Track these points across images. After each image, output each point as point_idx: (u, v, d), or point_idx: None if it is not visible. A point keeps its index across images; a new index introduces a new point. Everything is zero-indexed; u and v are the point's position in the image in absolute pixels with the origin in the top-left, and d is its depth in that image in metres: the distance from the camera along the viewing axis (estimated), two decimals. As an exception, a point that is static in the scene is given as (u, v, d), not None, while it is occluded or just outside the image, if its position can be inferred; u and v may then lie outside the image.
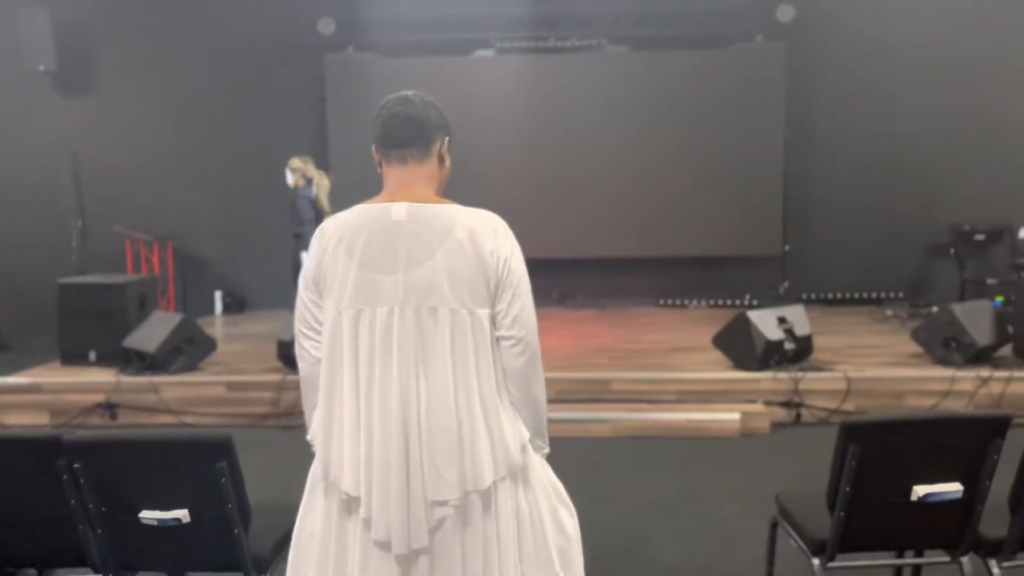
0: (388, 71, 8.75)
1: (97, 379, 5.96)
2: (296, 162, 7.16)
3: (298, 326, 2.01)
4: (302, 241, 7.04)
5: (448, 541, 1.88)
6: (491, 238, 1.90)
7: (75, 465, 2.45)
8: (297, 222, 7.05)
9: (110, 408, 5.81)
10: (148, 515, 2.47)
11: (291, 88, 8.85)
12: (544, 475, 2.02)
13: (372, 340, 1.87)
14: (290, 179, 7.18)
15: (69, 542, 2.58)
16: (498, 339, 1.93)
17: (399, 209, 1.91)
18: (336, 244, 1.91)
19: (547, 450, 2.07)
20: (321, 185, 7.12)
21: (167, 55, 8.72)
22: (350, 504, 1.89)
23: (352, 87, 8.72)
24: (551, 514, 1.99)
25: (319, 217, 7.13)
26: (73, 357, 6.31)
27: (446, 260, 1.87)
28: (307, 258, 1.98)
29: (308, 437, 2.02)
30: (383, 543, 1.86)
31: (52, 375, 6.12)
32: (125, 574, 2.61)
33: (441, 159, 2.02)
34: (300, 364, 2.03)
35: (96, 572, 2.61)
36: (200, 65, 8.70)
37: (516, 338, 1.92)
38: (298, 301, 2.00)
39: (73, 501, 2.50)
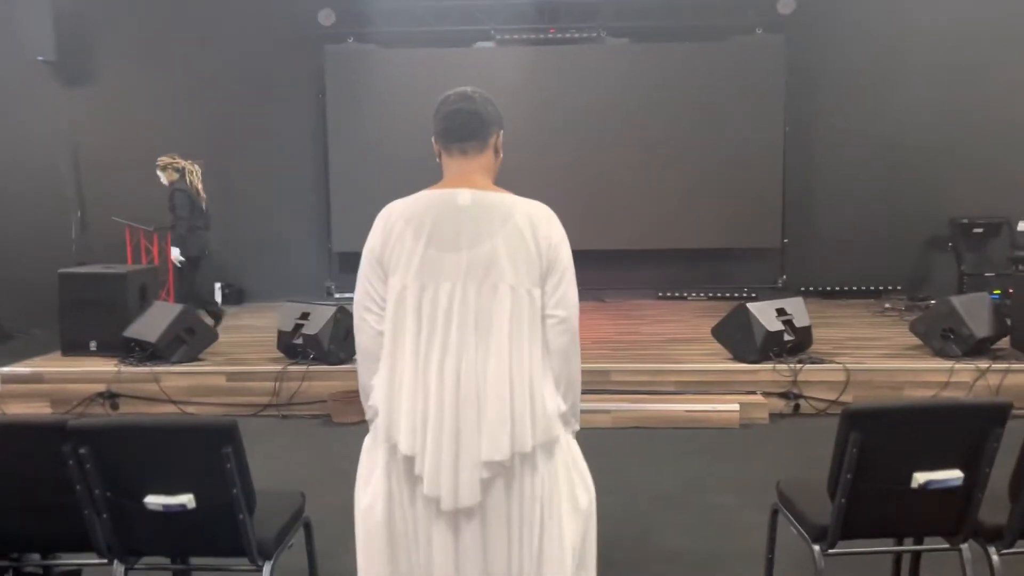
0: (388, 62, 8.75)
1: (98, 369, 5.97)
2: (164, 159, 7.22)
3: (361, 301, 2.14)
4: (191, 236, 7.08)
5: (495, 501, 2.03)
6: (545, 224, 2.08)
7: (80, 451, 2.46)
8: (177, 217, 7.10)
9: (111, 398, 5.82)
10: (153, 500, 2.48)
11: (291, 79, 8.85)
12: (568, 448, 2.15)
13: (434, 312, 2.04)
14: (163, 178, 7.22)
15: (74, 527, 2.58)
16: (543, 317, 2.08)
17: (464, 195, 2.08)
18: (404, 224, 2.07)
19: (577, 427, 2.21)
20: (193, 171, 7.21)
21: (167, 45, 8.70)
22: (409, 463, 2.04)
23: (352, 78, 8.72)
24: (567, 484, 2.11)
25: (196, 206, 7.19)
26: (74, 347, 6.32)
27: (507, 242, 2.04)
28: (373, 234, 2.12)
29: (369, 403, 2.15)
30: (434, 499, 2.02)
31: (53, 365, 6.13)
32: (130, 559, 2.63)
33: (496, 151, 2.19)
34: (360, 337, 2.15)
35: (101, 557, 2.63)
36: (200, 55, 8.69)
37: (560, 317, 2.09)
38: (360, 278, 2.14)
39: (78, 487, 2.51)
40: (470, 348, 2.02)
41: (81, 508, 2.53)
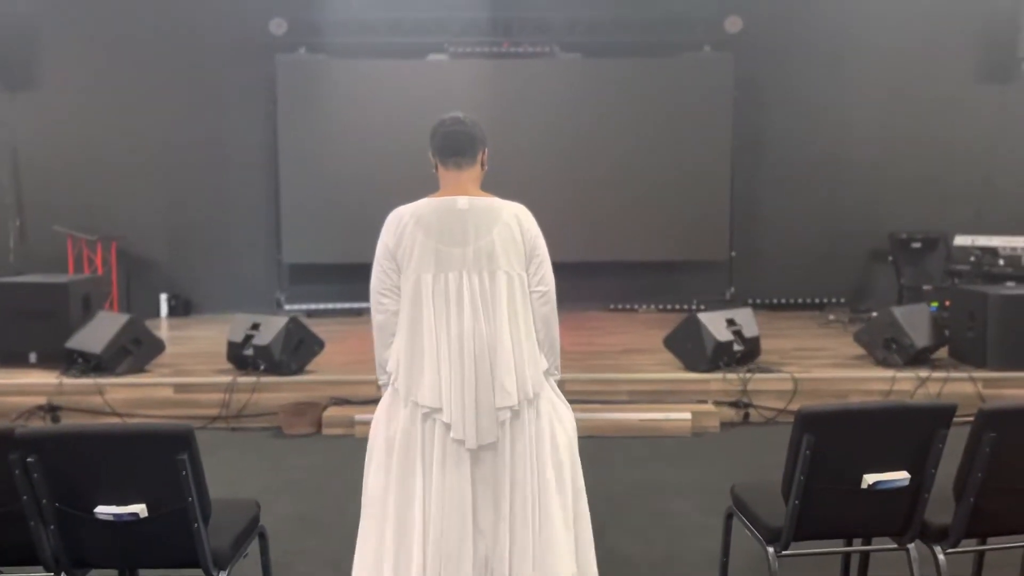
0: (340, 73, 8.70)
1: (38, 381, 5.79)
2: None
3: (377, 288, 2.64)
4: None
5: (503, 437, 2.55)
6: (527, 221, 2.65)
7: (28, 459, 2.39)
8: None
9: (52, 411, 5.65)
10: (104, 510, 2.42)
11: (242, 88, 8.73)
12: (549, 397, 2.68)
13: (447, 295, 2.55)
14: None
15: (19, 540, 2.50)
16: (530, 293, 2.65)
17: (462, 201, 2.61)
18: (415, 225, 2.58)
19: (559, 376, 2.78)
20: None
21: (114, 51, 8.53)
22: (431, 414, 2.53)
23: (303, 88, 8.65)
24: (548, 425, 2.63)
25: None
26: (12, 358, 6.11)
27: (500, 237, 2.59)
28: (384, 233, 2.62)
29: (388, 368, 2.63)
30: (460, 440, 2.51)
31: (-10, 377, 5.93)
32: (77, 572, 2.55)
33: (483, 164, 2.73)
34: (377, 316, 2.65)
35: (47, 570, 2.55)
36: (148, 63, 8.53)
37: (542, 291, 2.69)
38: (376, 269, 2.63)
39: (25, 496, 2.43)
40: (480, 322, 2.54)
41: (27, 519, 2.46)
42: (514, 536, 2.54)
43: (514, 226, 2.60)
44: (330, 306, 8.75)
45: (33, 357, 6.11)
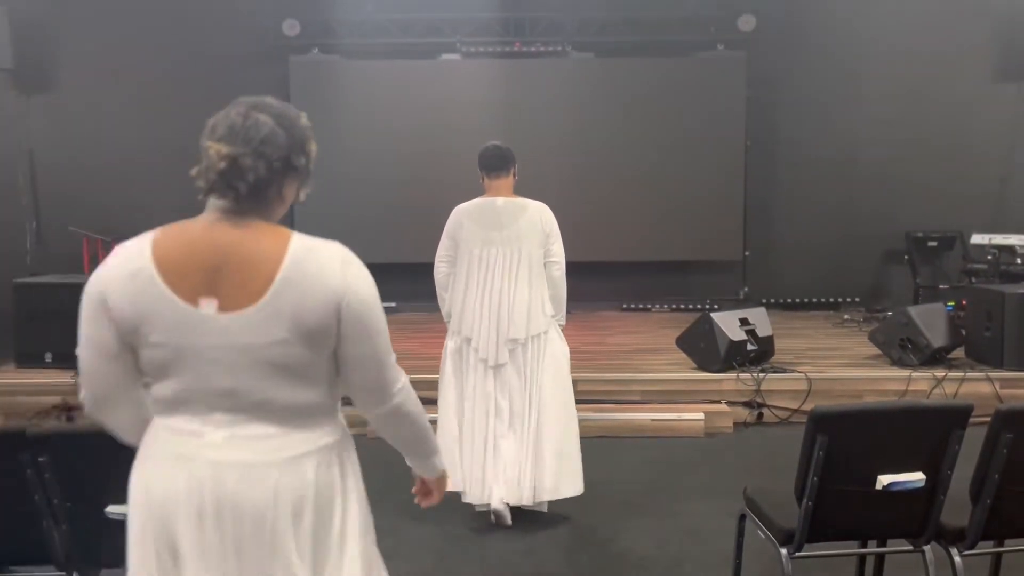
0: (353, 74, 8.72)
1: (53, 381, 5.82)
2: None
3: (439, 257, 4.03)
4: None
5: (516, 359, 3.90)
6: (546, 214, 3.96)
7: (40, 459, 2.40)
8: None
9: (67, 410, 5.69)
10: (115, 509, 2.42)
11: (255, 89, 8.38)
12: (551, 334, 3.97)
13: (488, 264, 3.90)
14: None
15: (31, 539, 2.51)
16: (546, 263, 3.96)
17: (500, 201, 3.94)
18: (468, 216, 3.95)
19: (563, 322, 4.06)
20: None
21: (128, 54, 8.57)
22: (468, 341, 3.92)
23: (317, 89, 8.66)
24: (550, 348, 3.96)
25: None
26: (29, 359, 6.15)
27: (526, 225, 3.92)
28: (449, 222, 3.98)
29: (444, 310, 4.06)
30: (483, 360, 3.88)
31: (6, 377, 5.97)
32: (89, 571, 2.56)
33: (514, 175, 4.01)
34: (437, 276, 4.05)
35: (60, 569, 2.55)
36: (162, 64, 8.57)
37: (554, 261, 3.98)
38: (440, 245, 4.02)
39: (37, 497, 2.44)
40: (508, 283, 3.88)
41: (40, 518, 2.47)
42: (523, 420, 3.86)
43: (536, 218, 3.91)
44: (343, 306, 8.74)
45: (49, 357, 6.13)
